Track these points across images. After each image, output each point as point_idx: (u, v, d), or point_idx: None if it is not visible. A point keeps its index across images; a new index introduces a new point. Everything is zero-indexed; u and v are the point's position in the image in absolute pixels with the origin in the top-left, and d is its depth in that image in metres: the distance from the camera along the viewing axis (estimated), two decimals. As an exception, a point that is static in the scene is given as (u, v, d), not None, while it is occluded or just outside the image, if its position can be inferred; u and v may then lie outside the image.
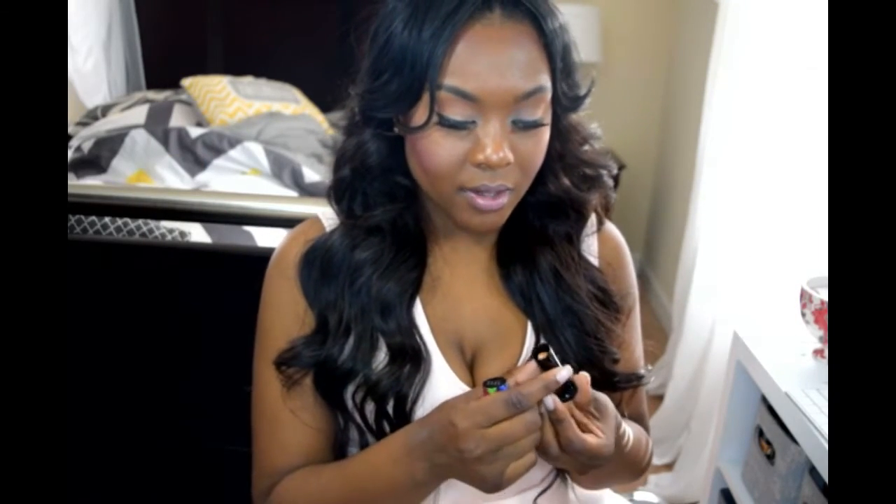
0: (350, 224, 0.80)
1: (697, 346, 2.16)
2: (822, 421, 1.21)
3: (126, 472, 1.14)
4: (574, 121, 0.81)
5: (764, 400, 1.45)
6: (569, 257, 0.83)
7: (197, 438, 0.87)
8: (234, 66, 3.00)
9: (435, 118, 0.70)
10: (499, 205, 0.74)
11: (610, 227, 0.90)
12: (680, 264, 2.39)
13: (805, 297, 1.36)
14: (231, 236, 1.83)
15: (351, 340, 0.78)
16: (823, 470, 1.18)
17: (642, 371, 0.89)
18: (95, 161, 2.38)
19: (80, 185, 2.09)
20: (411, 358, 0.78)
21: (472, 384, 0.80)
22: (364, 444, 0.81)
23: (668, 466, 2.20)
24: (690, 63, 2.77)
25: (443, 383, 0.78)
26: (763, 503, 1.42)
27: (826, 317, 1.33)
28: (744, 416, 1.55)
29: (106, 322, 1.12)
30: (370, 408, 0.78)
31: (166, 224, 1.60)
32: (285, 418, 0.81)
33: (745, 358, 1.48)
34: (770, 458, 1.41)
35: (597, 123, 0.83)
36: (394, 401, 0.77)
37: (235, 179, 2.33)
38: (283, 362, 0.80)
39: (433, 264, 0.82)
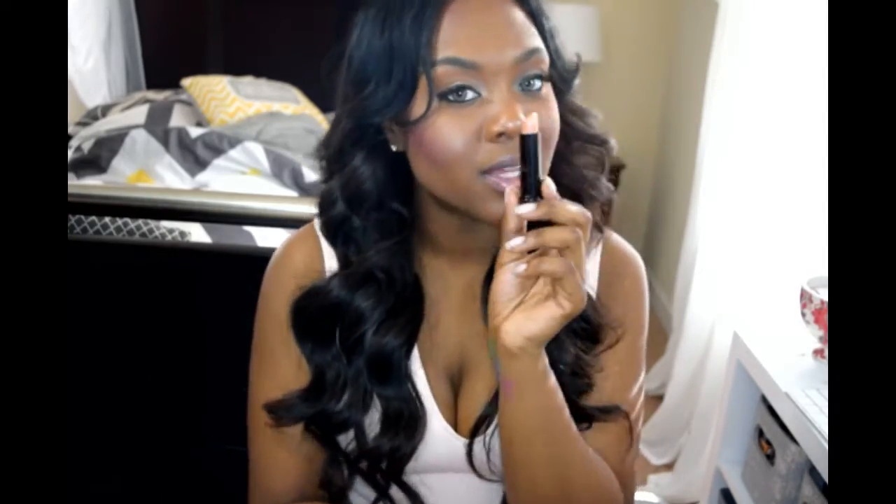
0: (345, 273, 0.76)
1: (697, 346, 2.16)
2: (822, 421, 1.20)
3: (126, 473, 1.14)
4: (573, 102, 0.77)
5: (764, 400, 1.45)
6: None
7: (197, 438, 0.87)
8: (234, 66, 3.00)
9: (436, 98, 0.66)
10: None
11: (618, 240, 0.84)
12: (680, 264, 2.39)
13: (805, 297, 1.36)
14: (231, 236, 1.83)
15: (346, 396, 0.76)
16: (823, 470, 1.18)
17: (621, 405, 0.78)
18: (95, 161, 2.38)
19: (80, 185, 2.10)
20: (408, 423, 0.75)
21: (455, 419, 0.78)
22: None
23: (668, 466, 2.20)
24: (690, 63, 2.77)
25: (438, 436, 0.77)
26: (763, 503, 1.42)
27: (826, 317, 1.33)
28: (744, 416, 1.55)
29: (106, 322, 1.12)
30: (364, 464, 0.78)
31: (166, 224, 1.60)
32: (275, 455, 0.80)
33: (745, 358, 1.48)
34: (770, 458, 1.41)
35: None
36: (388, 462, 0.76)
37: (235, 179, 2.34)
38: (276, 413, 0.78)
39: (430, 291, 0.79)
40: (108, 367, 1.12)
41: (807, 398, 1.27)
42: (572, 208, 0.63)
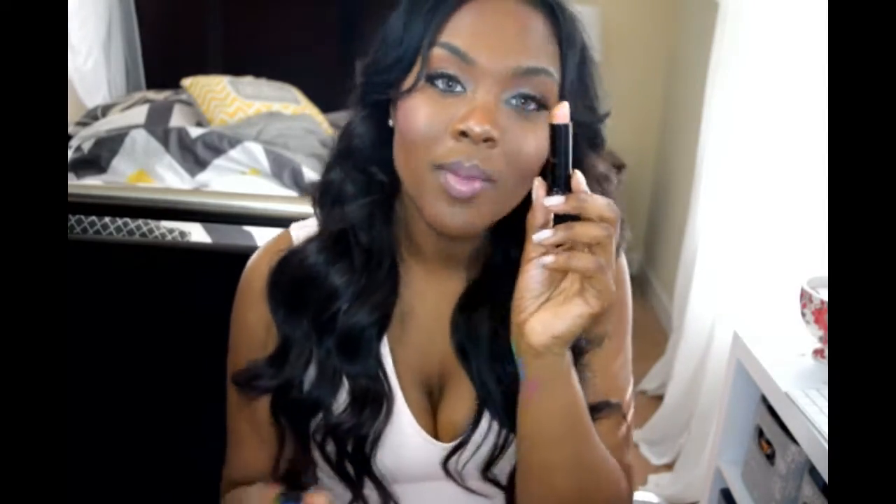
0: (324, 236, 0.75)
1: (697, 346, 2.16)
2: (822, 421, 1.20)
3: (125, 472, 1.14)
4: (592, 158, 0.73)
5: (764, 400, 1.45)
6: None
7: (197, 438, 0.86)
8: (234, 66, 3.00)
9: (424, 78, 0.66)
10: (471, 190, 0.65)
11: None
12: (680, 264, 2.39)
13: (805, 297, 1.36)
14: (231, 236, 1.83)
15: (313, 372, 0.75)
16: (823, 470, 1.18)
17: (613, 399, 0.77)
18: (95, 161, 2.38)
19: (80, 185, 2.10)
20: (373, 401, 0.74)
21: (435, 428, 0.77)
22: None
23: (668, 466, 2.20)
24: (690, 63, 2.77)
25: (405, 426, 0.75)
26: (763, 503, 1.42)
27: (826, 317, 1.33)
28: (744, 416, 1.55)
29: (106, 322, 1.12)
30: (331, 448, 0.76)
31: (166, 224, 1.60)
32: (246, 435, 0.81)
33: (744, 358, 1.48)
34: (770, 458, 1.41)
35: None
36: (353, 443, 0.74)
37: (235, 179, 2.34)
38: (241, 383, 0.78)
39: (405, 294, 0.77)
40: (107, 367, 1.12)
41: (807, 398, 1.27)
42: (602, 202, 0.61)
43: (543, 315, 0.64)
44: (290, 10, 3.06)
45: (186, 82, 2.85)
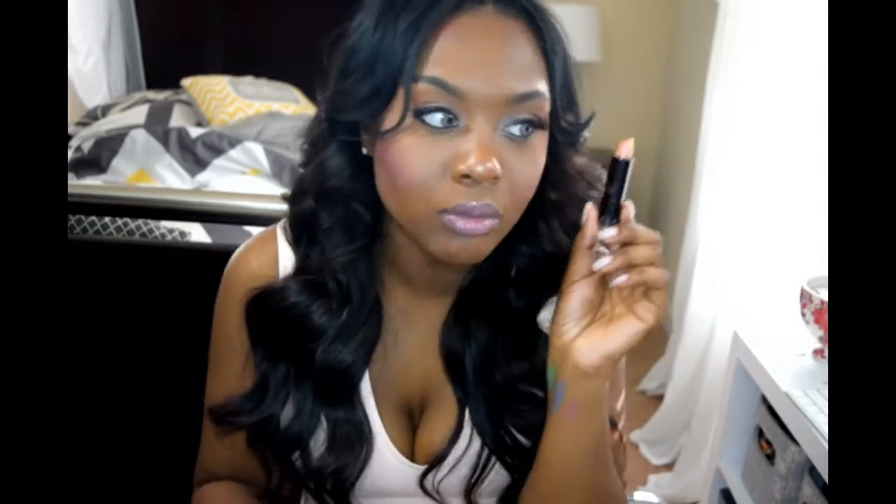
0: (303, 275, 0.71)
1: (697, 346, 2.16)
2: (822, 421, 1.20)
3: (126, 473, 1.14)
4: (574, 160, 0.70)
5: (764, 400, 1.45)
6: (519, 335, 0.72)
7: (197, 439, 0.87)
8: (234, 66, 3.00)
9: (410, 115, 0.60)
10: (484, 228, 0.61)
11: None
12: (680, 264, 2.39)
13: (805, 297, 1.36)
14: (231, 236, 1.83)
15: (290, 409, 0.72)
16: (823, 470, 1.18)
17: (612, 418, 0.76)
18: (95, 161, 2.38)
19: (80, 185, 2.10)
20: (356, 444, 0.72)
21: (412, 452, 0.74)
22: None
23: (668, 466, 2.20)
24: (690, 63, 2.77)
25: (386, 458, 0.73)
26: (763, 503, 1.42)
27: (826, 317, 1.33)
28: (744, 416, 1.55)
29: (106, 322, 1.12)
30: (311, 483, 0.75)
31: (166, 224, 1.60)
32: (222, 436, 0.78)
33: (744, 358, 1.48)
34: (770, 458, 1.41)
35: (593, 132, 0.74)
36: (333, 481, 0.72)
37: (235, 179, 2.34)
38: (218, 417, 0.76)
39: (389, 321, 0.74)
40: (107, 367, 1.12)
41: (807, 398, 1.27)
42: (647, 231, 0.63)
43: (593, 335, 0.65)
44: (290, 10, 3.06)
45: (186, 82, 2.86)
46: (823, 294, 1.35)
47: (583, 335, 0.65)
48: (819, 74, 1.68)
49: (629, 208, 0.63)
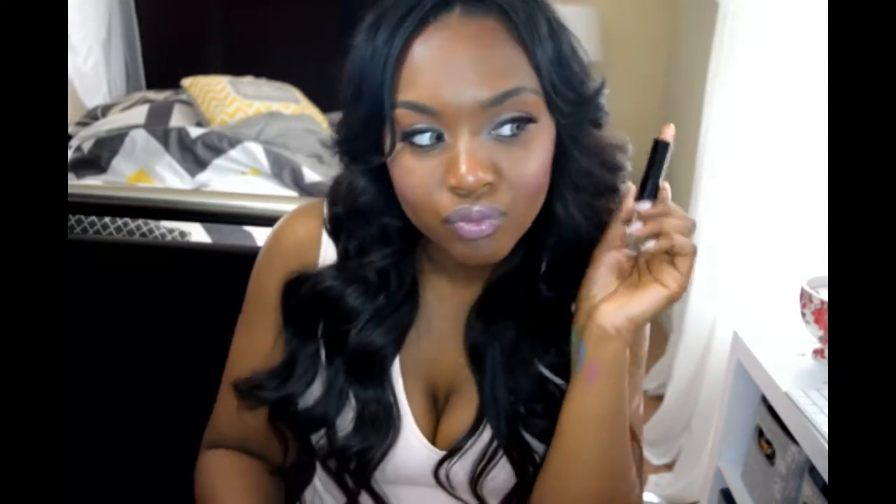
0: (344, 266, 0.74)
1: (697, 346, 2.16)
2: (822, 421, 1.20)
3: (126, 473, 1.14)
4: (594, 137, 0.70)
5: (764, 400, 1.45)
6: (549, 327, 0.72)
7: (198, 439, 0.87)
8: (234, 66, 3.00)
9: (399, 139, 0.62)
10: (487, 230, 0.63)
11: None
12: (680, 264, 2.38)
13: (805, 297, 1.36)
14: (231, 236, 1.83)
15: (318, 388, 0.74)
16: (823, 470, 1.18)
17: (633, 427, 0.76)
18: (95, 161, 2.38)
19: (80, 185, 2.10)
20: (382, 425, 0.73)
21: (434, 436, 0.75)
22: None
23: (668, 466, 2.20)
24: (690, 63, 2.77)
25: (410, 441, 0.74)
26: (763, 503, 1.42)
27: (826, 317, 1.33)
28: (744, 416, 1.55)
29: (106, 322, 1.12)
30: (333, 463, 0.75)
31: (166, 224, 1.60)
32: (243, 410, 0.79)
33: (744, 358, 1.48)
34: (770, 458, 1.41)
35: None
36: (356, 462, 0.73)
37: (235, 179, 2.34)
38: (242, 391, 0.77)
39: (425, 306, 0.76)
40: (107, 367, 1.12)
41: (807, 398, 1.27)
42: (682, 212, 0.66)
43: (619, 299, 0.67)
44: (290, 10, 3.07)
45: (186, 82, 2.86)
46: (823, 294, 1.35)
47: (608, 298, 0.67)
48: (819, 74, 1.68)
49: (667, 190, 0.67)
